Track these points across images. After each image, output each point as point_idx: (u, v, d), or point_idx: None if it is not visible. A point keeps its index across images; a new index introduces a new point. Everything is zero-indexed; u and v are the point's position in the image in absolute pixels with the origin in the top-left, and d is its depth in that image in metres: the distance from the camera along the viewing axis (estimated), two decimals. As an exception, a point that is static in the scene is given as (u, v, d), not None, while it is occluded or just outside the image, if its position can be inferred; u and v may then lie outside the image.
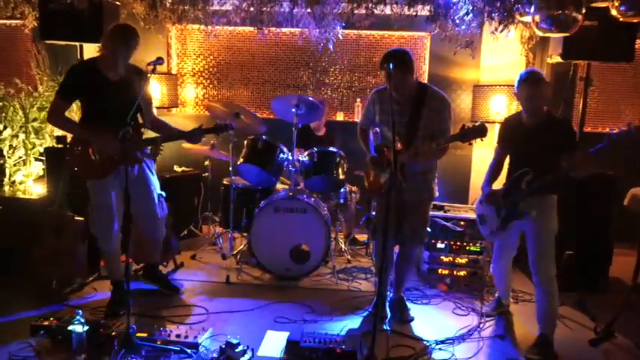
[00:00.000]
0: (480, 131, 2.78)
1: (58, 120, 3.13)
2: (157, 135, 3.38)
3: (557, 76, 4.56)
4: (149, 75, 2.95)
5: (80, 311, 2.75)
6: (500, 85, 4.69)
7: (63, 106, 3.11)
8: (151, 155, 3.36)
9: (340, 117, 5.53)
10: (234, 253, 4.32)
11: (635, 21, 3.58)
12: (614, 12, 3.53)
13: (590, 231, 3.93)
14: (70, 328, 2.70)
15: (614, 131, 2.65)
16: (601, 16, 3.67)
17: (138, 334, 2.76)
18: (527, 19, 3.84)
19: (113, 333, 2.79)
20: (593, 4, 3.65)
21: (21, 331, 2.90)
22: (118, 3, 4.28)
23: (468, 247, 4.06)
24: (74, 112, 4.28)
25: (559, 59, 3.96)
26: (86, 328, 2.71)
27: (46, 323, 2.88)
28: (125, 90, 3.06)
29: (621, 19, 3.54)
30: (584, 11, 3.54)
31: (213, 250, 4.62)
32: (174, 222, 3.95)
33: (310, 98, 3.96)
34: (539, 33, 3.74)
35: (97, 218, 3.23)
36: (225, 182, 4.55)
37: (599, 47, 3.82)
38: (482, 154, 5.09)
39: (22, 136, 4.54)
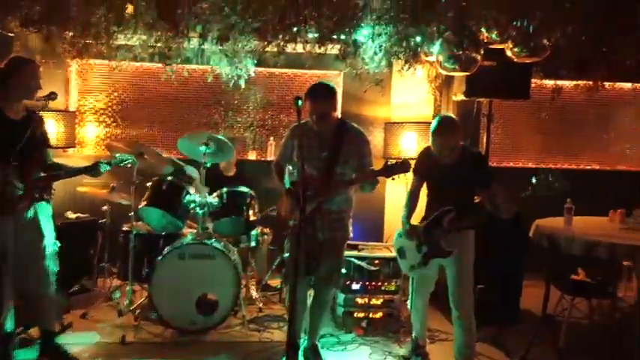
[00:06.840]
0: (404, 167, 2.89)
1: None
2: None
3: (462, 112, 4.70)
4: (40, 113, 2.78)
5: None
6: (410, 123, 4.76)
7: None
8: (48, 200, 3.06)
9: (252, 156, 5.36)
10: (133, 308, 3.89)
11: (528, 62, 3.80)
12: (509, 53, 3.74)
13: (500, 263, 3.95)
14: None
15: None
16: (499, 56, 3.83)
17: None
18: (432, 58, 3.97)
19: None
20: (491, 46, 3.84)
21: None
22: (11, 35, 3.93)
23: (383, 287, 3.95)
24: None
25: (463, 97, 4.12)
26: None
27: None
28: (27, 129, 2.85)
29: (516, 60, 3.74)
30: (482, 52, 3.71)
31: (109, 306, 4.12)
32: (64, 275, 3.50)
33: (221, 136, 3.78)
34: (443, 72, 3.89)
35: None
36: (125, 228, 4.15)
37: (498, 85, 4.00)
38: (395, 190, 5.09)
39: None
